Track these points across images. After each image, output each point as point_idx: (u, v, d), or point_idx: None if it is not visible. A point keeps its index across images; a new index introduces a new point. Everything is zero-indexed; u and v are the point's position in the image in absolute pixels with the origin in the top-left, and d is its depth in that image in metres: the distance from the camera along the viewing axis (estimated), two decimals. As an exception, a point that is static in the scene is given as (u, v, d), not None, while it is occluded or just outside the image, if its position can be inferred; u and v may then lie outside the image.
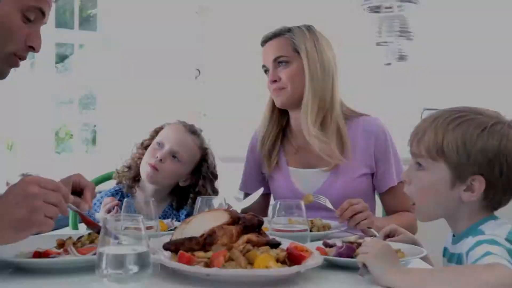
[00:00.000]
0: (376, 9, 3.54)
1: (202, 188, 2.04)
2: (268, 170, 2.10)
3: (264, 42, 2.08)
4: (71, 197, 1.28)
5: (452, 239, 1.41)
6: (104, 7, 5.14)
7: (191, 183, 2.06)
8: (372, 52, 4.68)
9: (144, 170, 2.00)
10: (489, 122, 1.31)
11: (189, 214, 2.05)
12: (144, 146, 2.08)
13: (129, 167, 2.08)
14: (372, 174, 2.05)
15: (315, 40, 2.03)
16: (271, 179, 2.12)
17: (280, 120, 2.12)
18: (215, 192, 2.09)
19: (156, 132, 2.09)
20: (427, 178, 1.35)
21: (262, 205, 2.14)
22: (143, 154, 2.05)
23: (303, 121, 2.01)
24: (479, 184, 1.30)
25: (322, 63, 2.02)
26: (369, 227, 1.77)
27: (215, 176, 2.10)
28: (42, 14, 1.36)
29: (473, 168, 1.30)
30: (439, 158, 1.32)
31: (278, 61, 2.02)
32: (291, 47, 2.02)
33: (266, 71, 2.08)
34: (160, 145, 2.01)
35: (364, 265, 1.22)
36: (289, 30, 2.05)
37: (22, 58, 1.37)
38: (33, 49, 1.37)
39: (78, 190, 1.46)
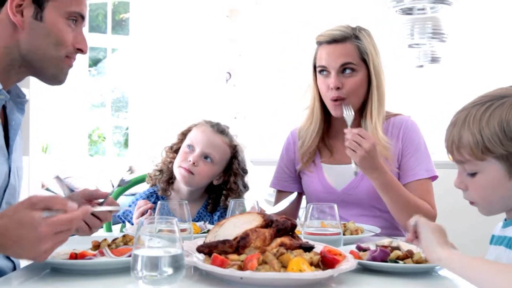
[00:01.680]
0: (408, 11, 3.51)
1: (234, 185, 2.05)
2: (302, 166, 2.09)
3: (328, 42, 1.99)
4: (90, 209, 1.28)
5: (503, 223, 1.37)
6: (136, 11, 5.20)
7: (223, 181, 2.08)
8: (404, 54, 4.64)
9: (179, 173, 2.01)
10: None
11: (222, 217, 2.06)
12: (174, 150, 2.09)
13: (160, 171, 2.09)
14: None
15: (374, 45, 2.00)
16: (303, 174, 2.12)
17: (322, 120, 2.09)
18: (245, 187, 2.10)
19: (184, 134, 2.09)
20: (482, 180, 1.32)
21: (294, 205, 2.13)
22: (173, 158, 2.06)
23: (372, 132, 1.96)
24: None
25: (381, 70, 1.99)
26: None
27: (246, 172, 2.10)
28: (82, 17, 1.46)
29: None
30: (486, 156, 1.28)
31: (344, 67, 1.96)
32: (358, 55, 1.96)
33: (321, 71, 2.00)
34: (191, 148, 2.02)
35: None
36: (356, 36, 1.98)
37: (73, 59, 1.48)
38: (81, 51, 1.47)
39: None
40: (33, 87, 3.61)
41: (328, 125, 2.11)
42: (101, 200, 1.49)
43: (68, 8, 1.41)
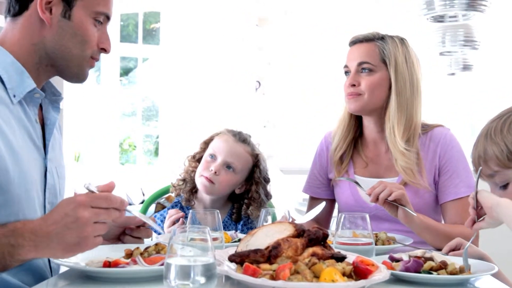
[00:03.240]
0: (440, 19, 3.47)
1: (255, 194, 2.05)
2: (335, 176, 2.08)
3: (353, 43, 2.02)
4: (127, 202, 1.29)
5: None
6: (166, 21, 5.25)
7: (246, 189, 2.08)
8: (435, 62, 4.60)
9: (200, 182, 2.03)
10: None
11: (246, 225, 2.07)
12: (196, 159, 2.11)
13: (184, 180, 2.11)
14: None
15: (407, 54, 1.98)
16: (336, 185, 2.10)
17: (355, 127, 2.08)
18: (268, 196, 2.09)
19: (206, 143, 2.11)
20: None
21: (326, 212, 2.11)
22: (196, 167, 2.08)
23: (390, 134, 1.95)
24: None
25: (412, 80, 1.96)
26: (399, 202, 1.71)
27: (267, 180, 2.10)
28: (108, 18, 1.47)
29: None
30: None
31: (362, 67, 1.97)
32: (379, 56, 1.96)
33: (346, 72, 2.02)
34: (213, 157, 2.03)
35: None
36: (382, 38, 1.99)
37: (96, 59, 1.48)
38: (104, 50, 1.49)
39: None
40: (66, 97, 3.66)
41: (361, 134, 2.09)
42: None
43: (96, 8, 1.43)
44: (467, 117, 5.28)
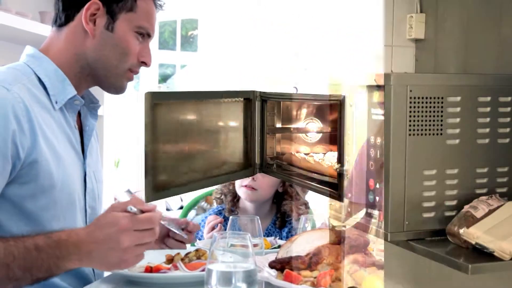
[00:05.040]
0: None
1: (289, 188, 2.05)
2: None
3: None
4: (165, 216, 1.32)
5: None
6: (204, 28, 5.30)
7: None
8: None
9: (242, 192, 2.04)
10: None
11: (290, 232, 2.06)
12: None
13: (222, 193, 2.12)
14: None
15: None
16: None
17: None
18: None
19: None
20: None
21: None
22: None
23: None
24: None
25: None
26: None
27: None
28: (149, 35, 1.50)
29: None
30: None
31: None
32: None
33: None
34: None
35: None
36: None
37: (135, 72, 1.51)
38: (145, 64, 1.50)
39: None
40: (106, 104, 3.72)
41: None
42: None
43: (138, 22, 1.45)
44: None
